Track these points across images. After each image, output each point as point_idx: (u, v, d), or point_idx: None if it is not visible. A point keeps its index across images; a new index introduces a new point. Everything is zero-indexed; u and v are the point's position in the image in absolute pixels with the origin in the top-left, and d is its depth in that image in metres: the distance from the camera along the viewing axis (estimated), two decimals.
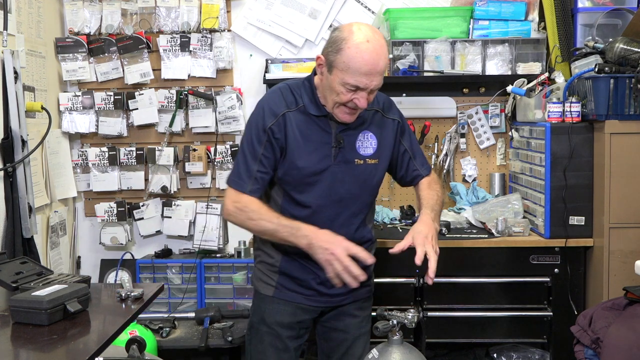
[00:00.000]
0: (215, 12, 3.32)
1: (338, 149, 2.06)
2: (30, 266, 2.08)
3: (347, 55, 1.89)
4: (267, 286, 2.16)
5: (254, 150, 2.03)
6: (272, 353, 2.16)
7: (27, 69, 2.96)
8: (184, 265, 3.36)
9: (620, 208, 2.65)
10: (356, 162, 2.09)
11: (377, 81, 1.93)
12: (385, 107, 2.18)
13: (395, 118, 2.18)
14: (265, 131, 2.02)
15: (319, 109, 2.04)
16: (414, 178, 2.25)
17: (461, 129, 3.37)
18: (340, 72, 1.91)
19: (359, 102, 1.94)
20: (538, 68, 3.16)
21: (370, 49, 1.88)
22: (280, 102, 2.05)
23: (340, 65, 1.90)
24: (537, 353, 2.93)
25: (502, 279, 2.81)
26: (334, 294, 2.15)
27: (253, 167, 2.02)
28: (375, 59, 1.89)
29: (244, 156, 2.05)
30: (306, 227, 1.95)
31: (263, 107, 2.06)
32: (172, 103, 3.40)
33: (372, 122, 2.13)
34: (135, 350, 2.14)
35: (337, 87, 1.93)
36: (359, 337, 2.22)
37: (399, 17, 3.21)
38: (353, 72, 1.89)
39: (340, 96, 1.94)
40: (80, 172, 3.47)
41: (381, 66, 1.92)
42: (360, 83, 1.90)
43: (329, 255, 1.88)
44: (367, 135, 2.11)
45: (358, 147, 2.09)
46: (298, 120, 2.03)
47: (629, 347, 2.11)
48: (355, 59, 1.88)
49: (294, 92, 2.07)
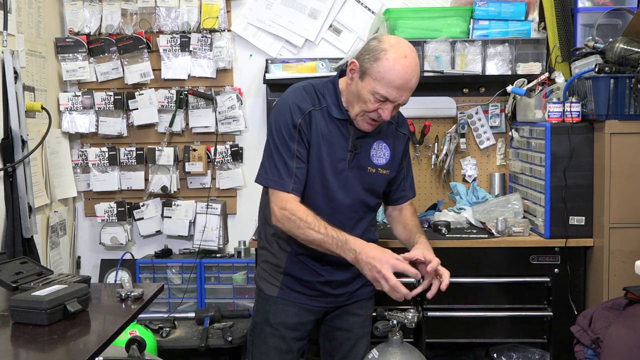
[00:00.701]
0: (215, 12, 3.32)
1: (354, 154, 2.07)
2: (30, 266, 2.08)
3: (384, 66, 1.91)
4: (272, 286, 2.17)
5: (288, 147, 2.01)
6: (275, 354, 2.16)
7: (27, 69, 2.96)
8: (184, 265, 3.36)
9: (620, 208, 2.65)
10: (368, 170, 2.10)
11: (406, 97, 1.96)
12: (399, 121, 2.21)
13: (406, 133, 2.22)
14: (295, 127, 2.01)
15: (342, 113, 2.05)
16: (400, 198, 2.26)
17: (461, 129, 3.37)
18: (373, 81, 1.92)
19: (383, 113, 1.95)
20: (538, 68, 3.16)
21: (406, 65, 1.91)
22: (305, 100, 2.05)
23: (374, 75, 1.92)
24: (537, 353, 2.93)
25: (502, 279, 2.81)
26: (338, 294, 2.16)
27: (291, 165, 2.00)
28: (410, 75, 1.92)
29: (279, 155, 2.01)
30: (354, 241, 1.92)
31: (289, 105, 2.03)
32: (172, 103, 3.40)
33: (387, 134, 2.15)
34: (135, 350, 2.15)
35: (366, 95, 1.95)
36: (362, 337, 2.23)
37: (399, 17, 3.21)
38: (386, 84, 1.91)
39: (368, 104, 1.95)
40: (80, 172, 3.47)
41: (413, 83, 1.95)
42: (390, 95, 1.92)
43: (376, 273, 1.86)
44: (382, 145, 2.14)
45: (372, 156, 2.11)
46: (321, 120, 2.04)
47: (629, 347, 2.11)
48: (391, 71, 1.90)
49: (318, 91, 2.08)
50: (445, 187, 3.41)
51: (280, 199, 2.00)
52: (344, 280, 2.15)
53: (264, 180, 2.05)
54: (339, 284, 2.15)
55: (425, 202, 3.37)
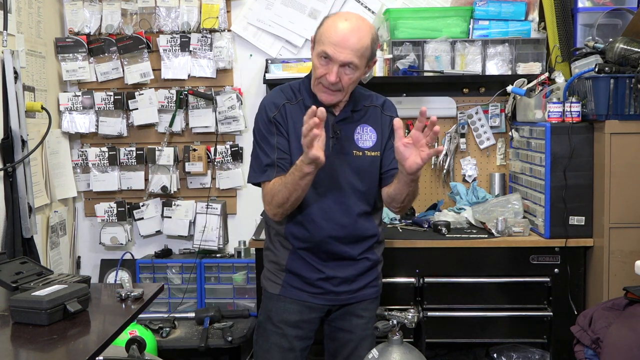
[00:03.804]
0: (215, 12, 3.32)
1: (335, 139, 2.10)
2: (30, 266, 2.08)
3: (324, 27, 2.03)
4: (274, 284, 2.19)
5: (267, 142, 2.09)
6: (277, 352, 2.17)
7: (27, 69, 2.96)
8: (184, 265, 3.36)
9: (620, 208, 2.64)
10: (354, 154, 2.12)
11: (345, 56, 1.98)
12: (385, 106, 2.22)
13: (392, 115, 2.21)
14: (271, 121, 2.09)
15: (316, 101, 2.08)
16: (393, 175, 2.16)
17: (461, 129, 3.37)
18: (317, 45, 2.03)
19: (329, 76, 1.99)
20: (538, 68, 3.16)
21: (345, 25, 2.00)
22: (279, 96, 2.14)
23: (317, 38, 2.04)
24: (537, 353, 2.93)
25: (502, 279, 2.81)
26: (340, 292, 2.16)
27: (273, 156, 2.07)
28: (347, 34, 1.98)
29: (262, 151, 2.09)
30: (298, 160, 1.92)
31: (264, 104, 2.15)
32: (172, 103, 3.40)
33: (370, 117, 2.17)
34: (135, 350, 2.15)
35: (315, 61, 2.04)
36: (364, 338, 2.22)
37: (399, 17, 3.21)
38: (324, 41, 2.00)
39: (316, 70, 2.03)
40: (80, 172, 3.47)
41: (352, 42, 1.98)
42: (329, 50, 1.98)
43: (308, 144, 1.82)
44: (366, 129, 2.15)
45: (357, 140, 2.14)
46: (297, 113, 2.09)
47: (629, 347, 2.11)
48: (328, 29, 2.01)
49: (294, 88, 2.17)
50: (445, 187, 3.41)
51: (263, 190, 2.09)
52: (345, 277, 2.15)
53: (253, 177, 2.13)
54: (341, 281, 2.15)
55: (425, 202, 3.37)
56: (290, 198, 1.99)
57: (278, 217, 2.09)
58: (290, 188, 1.96)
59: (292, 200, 2.00)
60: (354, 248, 2.14)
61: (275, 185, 2.02)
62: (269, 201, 2.06)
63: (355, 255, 2.14)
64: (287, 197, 1.99)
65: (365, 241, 2.16)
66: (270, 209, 2.08)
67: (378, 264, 2.23)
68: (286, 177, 1.97)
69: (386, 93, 2.23)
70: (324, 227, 2.08)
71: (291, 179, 1.94)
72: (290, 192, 1.97)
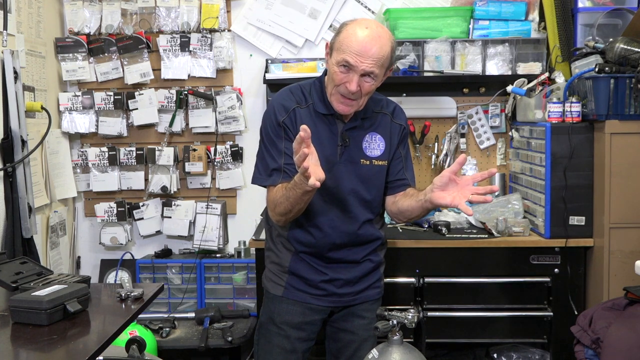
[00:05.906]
0: (215, 12, 3.32)
1: (344, 148, 2.07)
2: (30, 266, 2.07)
3: (344, 35, 1.96)
4: (277, 286, 2.17)
5: (275, 146, 2.05)
6: (279, 353, 2.16)
7: (27, 69, 2.96)
8: (184, 265, 3.36)
9: (620, 208, 2.65)
10: (362, 163, 2.10)
11: (367, 65, 1.93)
12: (395, 113, 2.19)
13: (402, 124, 2.19)
14: (280, 125, 2.05)
15: (327, 108, 2.06)
16: (401, 186, 2.17)
17: (461, 129, 3.37)
18: (336, 53, 1.97)
19: (349, 85, 1.95)
20: (538, 68, 3.16)
21: (366, 33, 1.94)
22: (290, 99, 2.09)
23: (337, 46, 1.97)
24: (537, 353, 2.93)
25: (502, 279, 2.81)
26: (342, 294, 2.15)
27: (280, 161, 2.04)
28: (369, 43, 1.93)
29: (269, 154, 2.06)
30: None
31: (274, 105, 2.09)
32: (172, 103, 3.40)
33: (380, 125, 2.14)
34: (135, 350, 2.14)
35: (332, 68, 1.98)
36: (367, 340, 2.21)
37: (399, 17, 3.21)
38: (345, 50, 1.94)
39: (335, 78, 1.98)
40: (80, 172, 3.47)
41: (374, 52, 1.93)
42: (350, 59, 1.93)
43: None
44: (375, 137, 2.12)
45: (365, 148, 2.11)
46: (307, 118, 2.06)
47: (629, 347, 2.11)
48: (349, 37, 1.94)
49: (304, 90, 2.11)
50: None
51: (269, 195, 2.06)
52: (348, 279, 2.15)
53: (258, 179, 2.10)
54: (344, 283, 2.15)
55: None
56: (293, 210, 1.98)
57: (282, 224, 2.09)
58: (292, 202, 1.94)
59: (295, 212, 1.99)
60: (357, 252, 2.13)
61: (278, 195, 1.99)
62: (272, 208, 2.05)
63: (358, 258, 2.14)
64: (289, 209, 1.98)
65: (369, 244, 2.15)
66: (273, 216, 2.07)
67: (380, 266, 2.23)
68: (288, 190, 1.93)
69: (386, 93, 2.23)
70: (329, 234, 2.08)
71: (293, 194, 1.91)
72: (293, 205, 1.95)
